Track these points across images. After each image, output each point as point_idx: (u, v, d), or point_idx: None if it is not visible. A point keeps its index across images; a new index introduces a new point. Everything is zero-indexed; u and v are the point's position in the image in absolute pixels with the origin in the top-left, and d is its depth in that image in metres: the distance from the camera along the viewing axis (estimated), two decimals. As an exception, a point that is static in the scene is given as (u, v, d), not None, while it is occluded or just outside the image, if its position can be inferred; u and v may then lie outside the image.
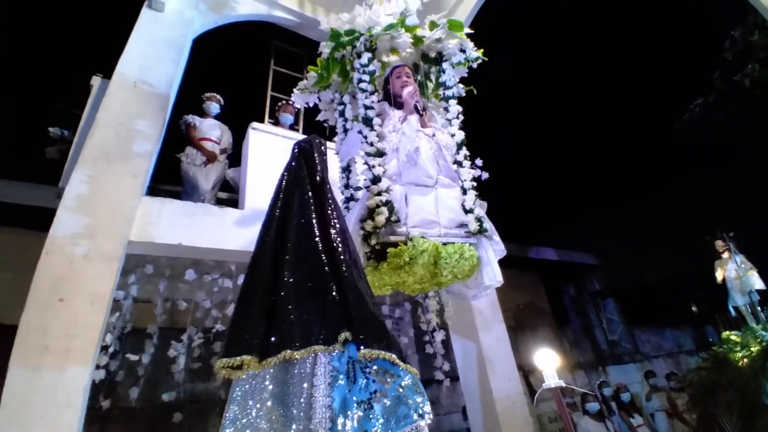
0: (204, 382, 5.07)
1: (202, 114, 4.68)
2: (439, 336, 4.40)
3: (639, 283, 12.41)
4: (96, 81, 3.52)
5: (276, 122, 4.81)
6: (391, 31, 2.83)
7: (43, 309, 2.45)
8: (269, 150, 4.01)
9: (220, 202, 4.39)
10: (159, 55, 3.51)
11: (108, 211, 2.81)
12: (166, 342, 3.80)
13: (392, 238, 2.47)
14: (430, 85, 3.22)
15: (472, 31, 3.02)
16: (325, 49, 2.96)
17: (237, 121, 4.63)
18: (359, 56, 2.83)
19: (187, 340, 3.74)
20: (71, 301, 2.52)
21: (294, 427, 1.21)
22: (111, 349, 3.20)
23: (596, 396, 5.44)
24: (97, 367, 3.16)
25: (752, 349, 5.40)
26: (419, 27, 2.99)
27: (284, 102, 4.84)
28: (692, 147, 11.57)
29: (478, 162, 2.97)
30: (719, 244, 6.81)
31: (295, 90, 3.50)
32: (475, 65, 3.05)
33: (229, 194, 4.68)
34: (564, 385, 2.30)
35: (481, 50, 3.04)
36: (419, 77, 3.14)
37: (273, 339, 1.33)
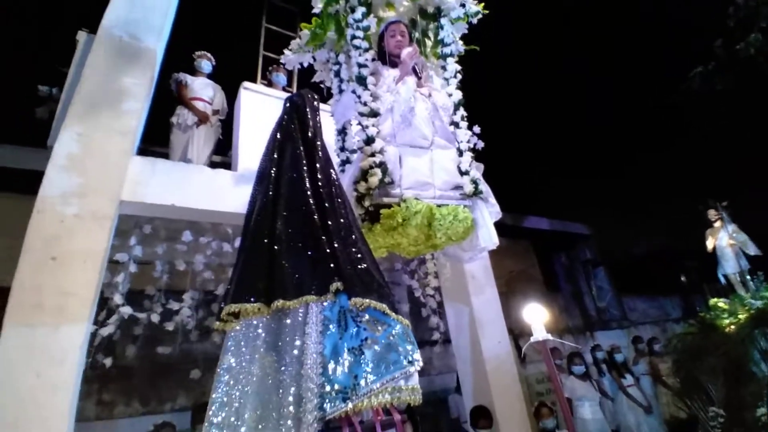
0: (202, 343, 5.17)
1: (194, 72, 4.54)
2: (433, 299, 4.47)
3: (629, 253, 12.60)
4: (82, 36, 3.39)
5: (269, 83, 4.69)
6: (387, -17, 2.71)
7: (36, 267, 2.44)
8: (262, 111, 3.91)
9: (213, 166, 4.33)
10: (145, 8, 3.36)
11: (97, 169, 2.76)
12: (166, 303, 3.82)
13: (386, 200, 2.45)
14: (428, 43, 3.12)
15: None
16: (318, 3, 2.85)
17: (229, 81, 4.50)
18: (353, 11, 2.72)
19: (191, 300, 3.75)
20: (64, 260, 2.51)
21: (286, 372, 1.23)
22: (121, 309, 3.22)
23: (582, 358, 5.60)
24: (105, 324, 3.19)
25: (740, 316, 5.49)
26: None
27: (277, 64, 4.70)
28: (687, 116, 11.44)
29: (476, 129, 2.92)
30: (712, 213, 6.86)
31: (286, 51, 3.39)
32: (474, 20, 2.94)
33: (222, 157, 4.62)
34: (551, 338, 2.35)
35: (482, 5, 2.92)
36: (416, 34, 3.04)
37: (267, 290, 1.34)
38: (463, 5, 2.89)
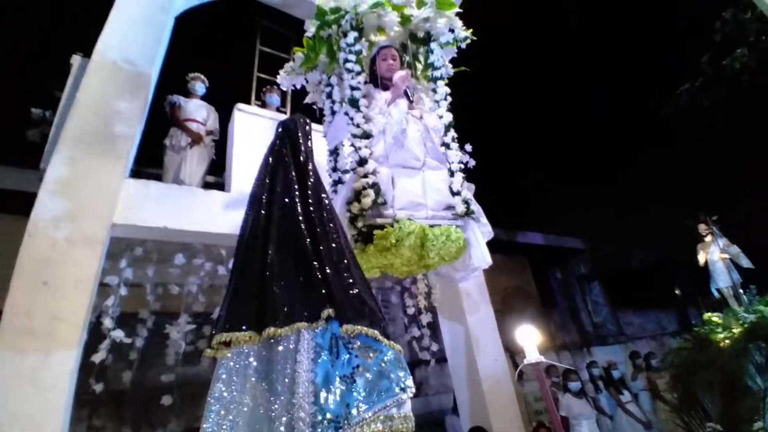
0: (194, 366, 5.08)
1: (188, 94, 4.58)
2: (427, 318, 4.45)
3: (624, 267, 12.62)
4: (76, 60, 3.42)
5: (263, 104, 4.74)
6: (377, 9, 2.78)
7: (27, 292, 2.42)
8: (255, 132, 3.95)
9: (207, 186, 4.34)
10: (140, 33, 3.40)
11: (90, 193, 2.76)
12: (157, 327, 3.77)
13: (379, 221, 2.47)
14: (419, 66, 3.19)
15: (461, 10, 2.98)
16: (311, 27, 2.91)
17: (222, 103, 4.54)
18: (345, 35, 2.78)
19: (183, 323, 3.71)
20: (55, 285, 2.49)
21: (277, 402, 1.22)
22: (111, 333, 3.17)
23: (578, 375, 5.57)
24: (95, 350, 3.14)
25: (734, 330, 5.51)
26: (407, 6, 2.94)
27: (271, 85, 4.77)
28: (678, 132, 11.59)
29: (467, 148, 2.96)
30: (702, 227, 6.93)
31: (281, 72, 3.44)
32: (463, 45, 3.02)
33: (216, 178, 4.63)
34: (544, 360, 2.35)
35: (470, 30, 3.00)
36: (407, 58, 3.10)
37: (258, 317, 1.34)
38: (452, 31, 2.96)
